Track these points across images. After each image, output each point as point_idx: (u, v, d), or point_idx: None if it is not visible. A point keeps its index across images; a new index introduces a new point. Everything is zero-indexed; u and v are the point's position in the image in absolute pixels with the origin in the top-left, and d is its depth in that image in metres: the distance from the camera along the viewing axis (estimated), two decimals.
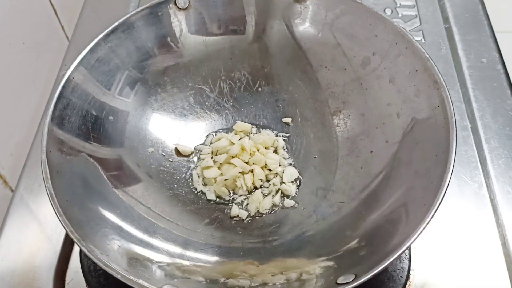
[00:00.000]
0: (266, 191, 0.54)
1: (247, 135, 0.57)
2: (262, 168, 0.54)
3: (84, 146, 0.49)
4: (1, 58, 0.59)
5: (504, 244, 0.52)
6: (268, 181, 0.54)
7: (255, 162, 0.54)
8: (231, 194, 0.54)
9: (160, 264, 0.44)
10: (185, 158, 0.56)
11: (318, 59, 0.56)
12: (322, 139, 0.56)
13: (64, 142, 0.47)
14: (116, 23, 0.53)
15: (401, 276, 0.48)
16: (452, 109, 0.44)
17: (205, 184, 0.54)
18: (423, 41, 0.69)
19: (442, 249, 0.51)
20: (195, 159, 0.56)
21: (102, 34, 0.52)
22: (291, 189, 0.53)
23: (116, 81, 0.53)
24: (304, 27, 0.56)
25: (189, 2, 0.56)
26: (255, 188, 0.54)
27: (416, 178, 0.44)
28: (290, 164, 0.56)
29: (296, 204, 0.53)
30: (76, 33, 0.73)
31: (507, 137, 0.59)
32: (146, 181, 0.53)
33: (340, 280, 0.38)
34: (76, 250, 0.53)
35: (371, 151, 0.52)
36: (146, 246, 0.45)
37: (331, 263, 0.43)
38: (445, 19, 0.72)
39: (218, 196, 0.53)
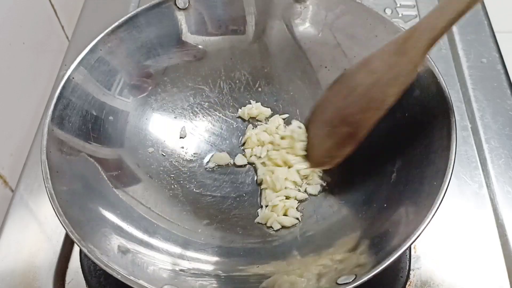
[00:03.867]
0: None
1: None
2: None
3: (84, 146, 0.49)
4: (1, 58, 0.59)
5: (504, 244, 0.52)
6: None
7: None
8: None
9: (160, 264, 0.44)
10: (186, 159, 0.56)
11: (318, 59, 0.56)
12: None
13: (64, 142, 0.47)
14: (116, 23, 0.53)
15: (401, 276, 0.48)
16: (452, 109, 0.44)
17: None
18: None
19: (442, 249, 0.51)
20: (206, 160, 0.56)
21: (102, 34, 0.52)
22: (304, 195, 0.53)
23: (116, 81, 0.53)
24: (304, 27, 0.57)
25: (189, 2, 0.56)
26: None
27: (416, 178, 0.44)
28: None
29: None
30: (76, 33, 0.73)
31: (507, 137, 0.59)
32: (146, 181, 0.52)
33: (340, 281, 0.38)
34: (76, 250, 0.53)
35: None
36: (146, 246, 0.45)
37: (331, 263, 0.43)
38: None
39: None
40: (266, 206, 0.51)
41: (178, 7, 0.56)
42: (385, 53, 0.43)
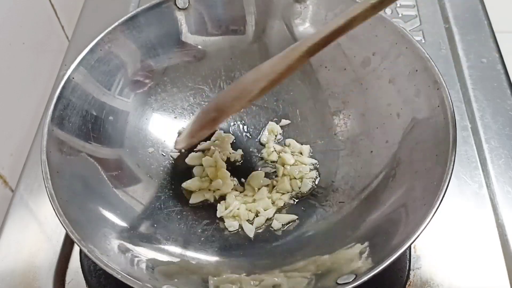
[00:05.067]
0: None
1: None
2: None
3: (84, 146, 0.49)
4: (1, 58, 0.59)
5: (504, 244, 0.52)
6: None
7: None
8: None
9: (160, 264, 0.44)
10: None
11: (318, 59, 0.56)
12: (322, 139, 0.56)
13: (64, 142, 0.47)
14: (116, 23, 0.53)
15: (401, 276, 0.48)
16: (452, 109, 0.44)
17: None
18: (423, 41, 0.69)
19: (442, 249, 0.51)
20: None
21: (102, 34, 0.52)
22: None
23: (116, 81, 0.53)
24: (304, 27, 0.56)
25: (189, 2, 0.56)
26: None
27: (416, 178, 0.44)
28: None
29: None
30: (76, 33, 0.73)
31: (507, 137, 0.59)
32: (146, 181, 0.53)
33: (340, 280, 0.38)
34: (76, 250, 0.53)
35: (371, 151, 0.52)
36: (146, 247, 0.45)
37: (331, 263, 0.43)
38: (445, 19, 0.72)
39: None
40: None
41: (178, 7, 0.56)
42: (276, 57, 0.45)
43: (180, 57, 0.57)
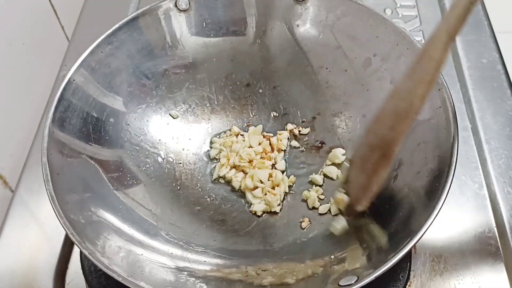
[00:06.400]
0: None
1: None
2: None
3: (85, 148, 0.49)
4: (1, 58, 0.59)
5: (504, 244, 0.52)
6: None
7: None
8: None
9: (161, 267, 0.44)
10: (187, 160, 0.56)
11: (319, 61, 0.56)
12: (324, 140, 0.56)
13: (64, 144, 0.47)
14: (117, 25, 0.53)
15: (401, 276, 0.48)
16: (453, 110, 0.44)
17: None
18: (423, 42, 0.69)
19: (443, 249, 0.51)
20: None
21: (103, 36, 0.52)
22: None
23: (117, 83, 0.53)
24: (305, 28, 0.57)
25: (189, 4, 0.56)
26: None
27: (418, 179, 0.45)
28: None
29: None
30: (76, 33, 0.73)
31: (507, 137, 0.59)
32: (147, 182, 0.52)
33: (342, 282, 0.38)
34: (76, 250, 0.53)
35: None
36: (147, 248, 0.45)
37: (333, 265, 0.43)
38: None
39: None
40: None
41: (178, 9, 0.56)
42: (405, 75, 0.41)
43: (181, 58, 0.57)
